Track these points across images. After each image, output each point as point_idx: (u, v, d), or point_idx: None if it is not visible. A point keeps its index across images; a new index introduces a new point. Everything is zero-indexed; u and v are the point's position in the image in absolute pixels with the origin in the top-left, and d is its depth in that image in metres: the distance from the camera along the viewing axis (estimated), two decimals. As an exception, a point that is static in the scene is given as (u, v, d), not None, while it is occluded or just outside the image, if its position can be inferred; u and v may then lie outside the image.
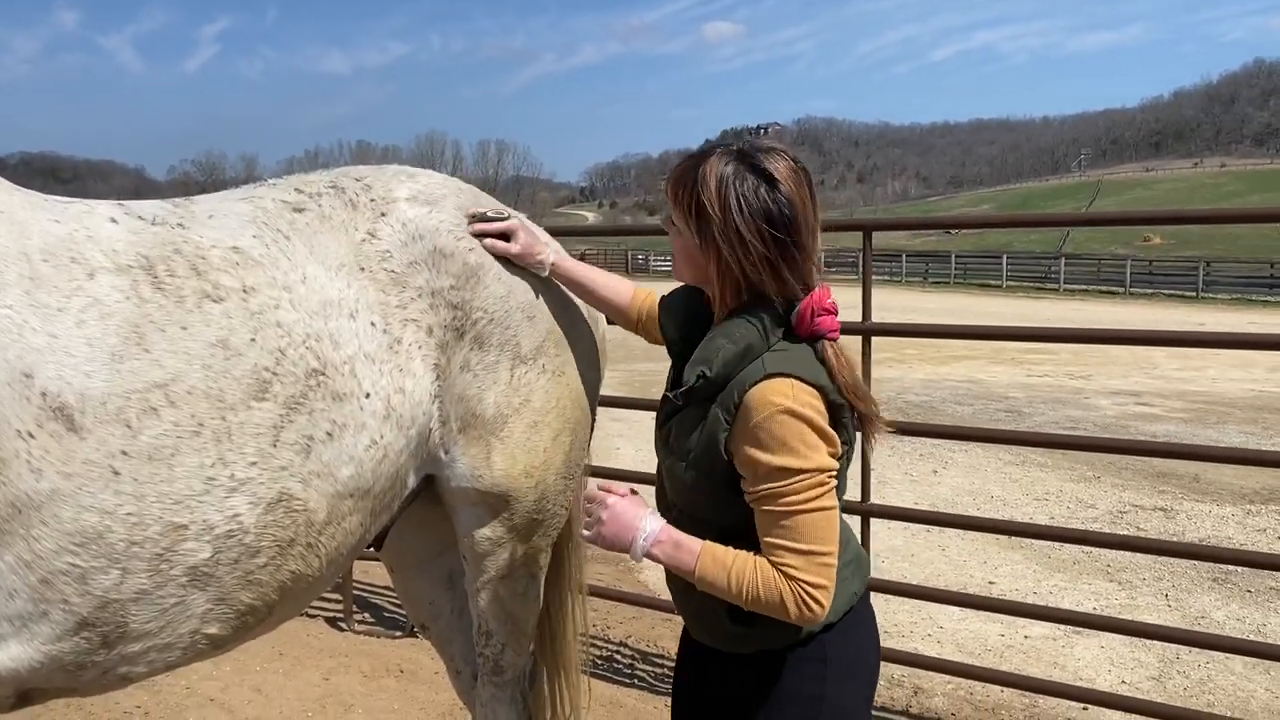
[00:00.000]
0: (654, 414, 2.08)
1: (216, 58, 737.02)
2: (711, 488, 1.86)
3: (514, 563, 2.56)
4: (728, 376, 1.82)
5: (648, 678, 4.64)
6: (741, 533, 1.83)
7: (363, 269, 2.24)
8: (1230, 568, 6.20)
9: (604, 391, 2.87)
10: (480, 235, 2.40)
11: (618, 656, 4.87)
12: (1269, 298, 34.98)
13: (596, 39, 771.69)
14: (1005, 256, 45.92)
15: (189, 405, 1.89)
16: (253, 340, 2.00)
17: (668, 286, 2.23)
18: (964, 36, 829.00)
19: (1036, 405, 12.77)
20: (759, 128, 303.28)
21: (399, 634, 5.10)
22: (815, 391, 1.79)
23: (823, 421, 1.78)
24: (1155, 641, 4.99)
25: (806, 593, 1.74)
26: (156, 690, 4.36)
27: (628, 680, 4.60)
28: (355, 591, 5.41)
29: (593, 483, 2.01)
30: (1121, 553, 6.47)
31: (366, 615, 5.37)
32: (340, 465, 2.09)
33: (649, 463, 2.08)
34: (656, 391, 2.40)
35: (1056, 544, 6.47)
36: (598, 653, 4.86)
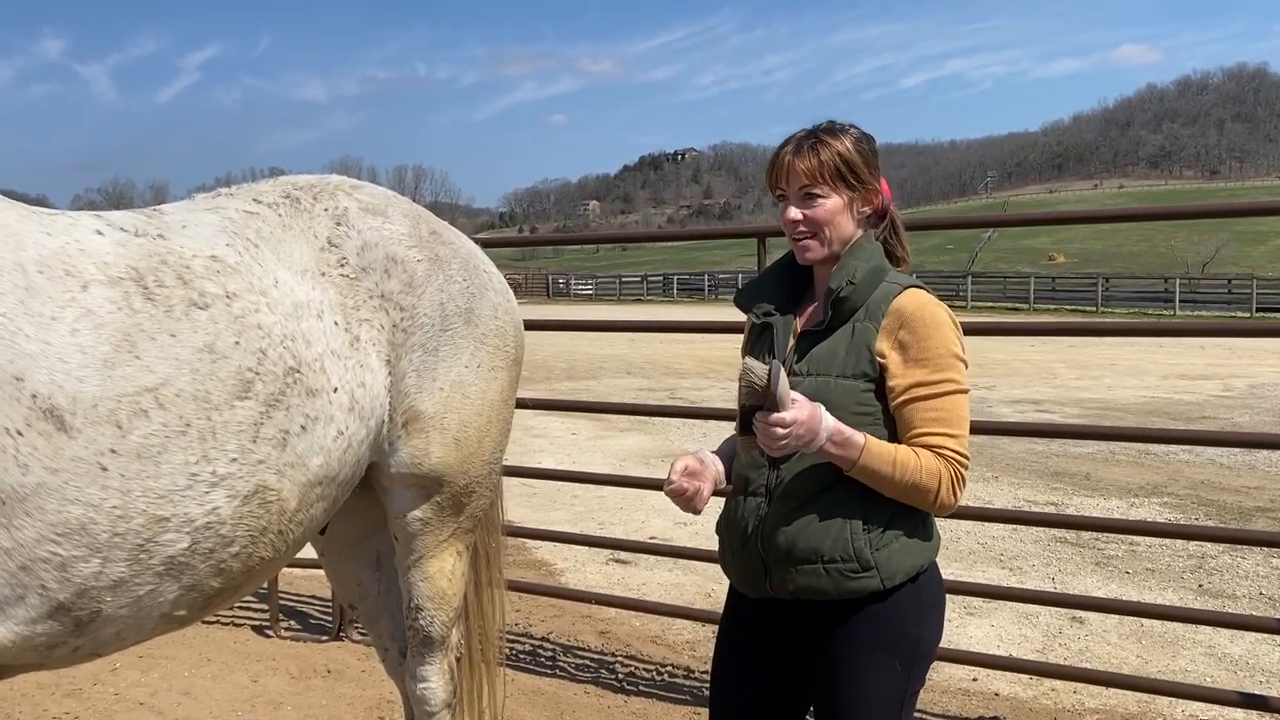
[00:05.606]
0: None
1: (195, 87, 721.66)
2: (861, 397, 2.08)
3: (442, 541, 2.77)
4: (867, 294, 2.12)
5: (569, 668, 4.85)
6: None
7: (323, 273, 2.41)
8: (1112, 553, 6.69)
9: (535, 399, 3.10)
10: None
11: (540, 651, 5.07)
12: (1164, 311, 36.61)
13: (580, 68, 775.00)
14: (915, 275, 46.89)
15: (177, 407, 2.00)
16: (237, 343, 2.14)
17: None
18: (937, 65, 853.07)
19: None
20: (676, 154, 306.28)
21: (325, 638, 5.23)
22: None
23: (956, 322, 2.13)
24: (1040, 619, 5.40)
25: (958, 473, 2.04)
26: (85, 697, 4.43)
27: (549, 671, 4.81)
28: (281, 601, 5.52)
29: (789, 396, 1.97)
30: (1014, 542, 6.98)
31: (292, 622, 5.48)
32: (312, 455, 2.24)
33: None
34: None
35: (954, 536, 6.88)
36: (521, 648, 5.06)
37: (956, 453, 2.04)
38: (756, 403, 1.95)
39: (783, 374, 1.93)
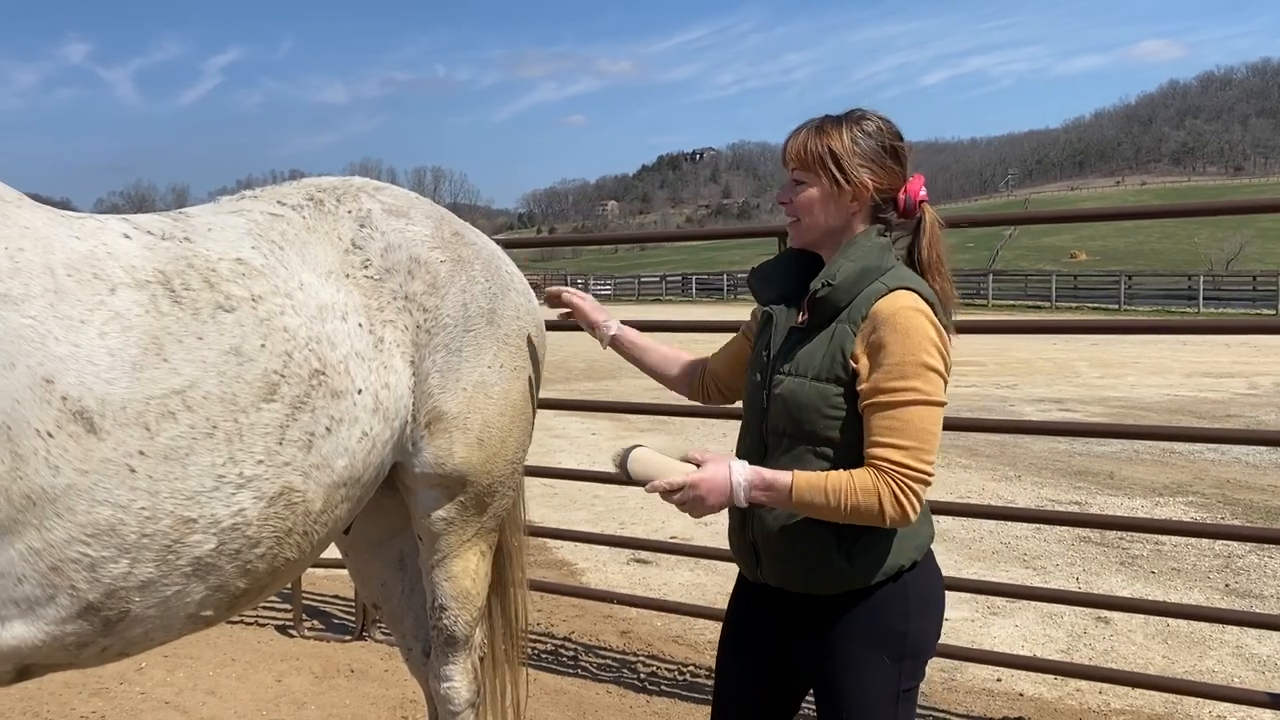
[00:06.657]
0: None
1: (216, 90, 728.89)
2: (833, 401, 2.04)
3: (466, 541, 2.78)
4: (850, 295, 2.05)
5: (591, 668, 4.86)
6: (851, 450, 2.02)
7: (347, 275, 2.43)
8: (1137, 553, 6.64)
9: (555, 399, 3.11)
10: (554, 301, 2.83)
11: (562, 651, 5.07)
12: (1187, 308, 36.28)
13: (598, 69, 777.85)
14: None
15: (204, 409, 2.02)
16: (263, 346, 2.15)
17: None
18: (957, 62, 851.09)
19: (962, 414, 13.19)
20: (695, 153, 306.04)
21: (348, 638, 5.26)
22: (930, 307, 2.05)
23: (939, 330, 2.01)
24: (1065, 619, 5.37)
25: (902, 485, 1.92)
26: (112, 696, 4.47)
27: (571, 671, 4.81)
28: (304, 600, 5.55)
29: (675, 466, 2.19)
30: (1038, 542, 6.94)
31: (316, 622, 5.51)
32: (337, 457, 2.26)
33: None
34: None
35: (977, 536, 6.86)
36: (543, 648, 5.07)
37: (899, 465, 1.93)
38: (637, 482, 2.12)
39: (636, 455, 2.13)
